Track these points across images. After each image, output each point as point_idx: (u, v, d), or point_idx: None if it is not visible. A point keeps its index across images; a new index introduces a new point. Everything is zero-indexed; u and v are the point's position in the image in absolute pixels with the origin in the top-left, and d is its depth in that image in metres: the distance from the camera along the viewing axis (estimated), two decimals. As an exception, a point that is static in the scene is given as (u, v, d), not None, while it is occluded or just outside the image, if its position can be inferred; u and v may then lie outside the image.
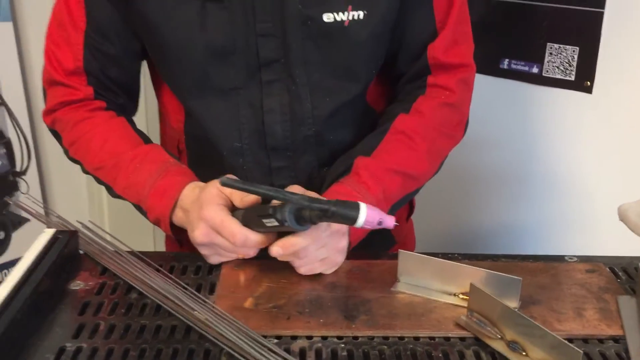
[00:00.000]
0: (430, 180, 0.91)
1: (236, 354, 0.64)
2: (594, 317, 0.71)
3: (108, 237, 0.84)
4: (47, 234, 0.80)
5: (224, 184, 0.68)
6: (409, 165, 0.85)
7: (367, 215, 0.64)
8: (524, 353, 0.65)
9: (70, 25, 0.87)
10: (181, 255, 0.83)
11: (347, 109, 0.87)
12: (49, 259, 0.75)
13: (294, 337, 0.68)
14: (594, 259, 0.84)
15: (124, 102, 0.93)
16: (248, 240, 0.73)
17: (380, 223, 0.65)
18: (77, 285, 0.76)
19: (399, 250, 0.76)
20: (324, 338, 0.68)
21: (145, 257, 0.80)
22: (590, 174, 1.20)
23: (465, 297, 0.73)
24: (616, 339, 0.68)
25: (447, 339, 0.68)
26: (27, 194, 0.96)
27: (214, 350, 0.65)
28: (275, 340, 0.67)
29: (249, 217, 0.74)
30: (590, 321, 0.71)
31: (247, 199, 0.75)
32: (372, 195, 0.80)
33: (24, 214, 1.44)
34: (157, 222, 0.82)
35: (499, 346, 0.66)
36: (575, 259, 0.84)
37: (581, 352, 0.59)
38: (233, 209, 0.76)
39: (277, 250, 0.73)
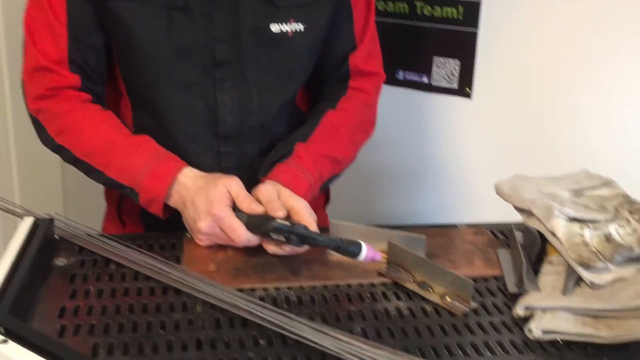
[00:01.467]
0: (342, 178, 1.10)
1: (209, 301, 0.80)
2: (480, 264, 0.93)
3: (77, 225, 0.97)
4: (28, 221, 0.93)
5: (274, 230, 0.85)
6: (336, 152, 1.04)
7: (366, 253, 0.85)
8: (430, 290, 0.85)
9: (54, 19, 0.96)
10: (146, 235, 0.98)
11: (285, 106, 1.05)
12: (36, 239, 0.88)
13: (253, 289, 0.84)
14: (479, 225, 1.06)
15: (100, 92, 1.04)
16: (249, 242, 0.89)
17: (373, 259, 0.86)
18: (61, 262, 0.89)
19: (330, 221, 0.95)
20: (277, 289, 0.85)
21: (114, 238, 0.94)
22: (472, 164, 1.44)
23: (385, 254, 0.92)
24: (497, 278, 0.90)
25: (373, 284, 0.87)
26: (-8, 192, 1.06)
27: (189, 301, 0.81)
28: (239, 293, 0.83)
29: (253, 224, 0.89)
30: (478, 267, 0.92)
31: (256, 208, 0.89)
32: (311, 175, 0.99)
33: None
34: (149, 203, 0.94)
35: (412, 286, 0.86)
36: (465, 226, 1.06)
37: (472, 281, 0.80)
38: (234, 209, 0.90)
39: (279, 251, 0.89)
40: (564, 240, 0.86)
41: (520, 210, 0.98)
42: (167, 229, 0.98)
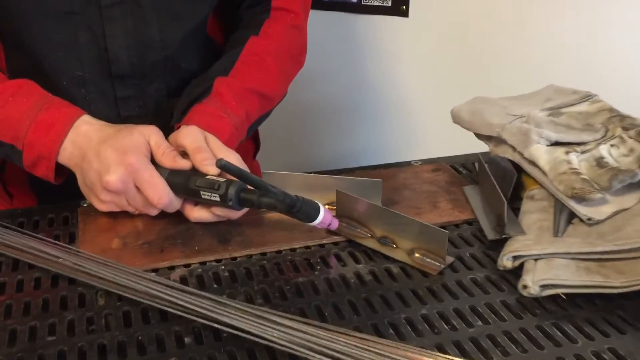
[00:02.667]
0: (271, 120, 0.91)
1: (114, 291, 0.61)
2: (447, 207, 0.77)
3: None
4: None
5: (221, 166, 0.63)
6: (264, 86, 0.85)
7: (324, 217, 0.67)
8: (394, 246, 0.69)
9: None
10: (30, 210, 0.77)
11: (194, 35, 0.85)
12: None
13: (172, 268, 0.66)
14: (436, 160, 0.91)
15: None
16: (171, 205, 0.70)
17: (329, 224, 0.69)
18: None
19: (263, 171, 0.77)
20: (203, 264, 0.67)
21: (-13, 217, 0.73)
22: (414, 92, 1.28)
23: (331, 206, 0.75)
24: (469, 222, 0.75)
25: (322, 245, 0.70)
26: None
27: (88, 293, 0.62)
28: (153, 274, 0.65)
29: (176, 182, 0.70)
30: (445, 210, 0.76)
31: (181, 163, 0.70)
32: (236, 115, 0.80)
33: None
34: (35, 162, 0.74)
35: (371, 243, 0.70)
36: (420, 162, 0.90)
37: (447, 232, 0.64)
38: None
39: (207, 217, 0.71)
40: (547, 170, 0.71)
41: (486, 138, 0.83)
42: (66, 199, 0.77)
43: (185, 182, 0.69)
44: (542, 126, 0.75)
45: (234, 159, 0.72)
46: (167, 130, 0.78)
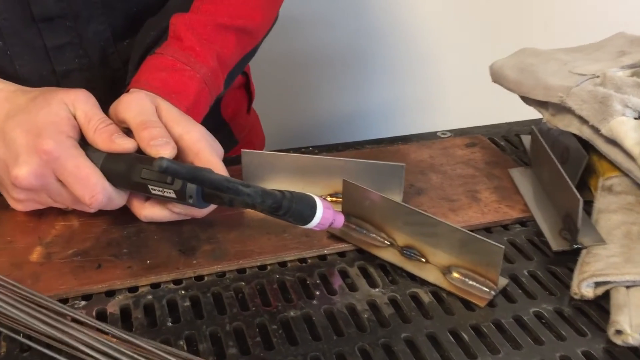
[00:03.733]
0: (267, 69, 0.71)
1: (20, 338, 0.42)
2: (490, 199, 0.58)
3: None
4: None
5: (163, 170, 0.41)
6: (241, 16, 0.64)
7: (322, 217, 0.48)
8: (423, 260, 0.50)
9: None
10: None
11: None
12: None
13: (111, 293, 0.47)
14: (469, 131, 0.71)
15: None
16: (110, 202, 0.51)
17: (332, 223, 0.50)
18: None
19: (242, 150, 0.57)
20: (155, 286, 0.48)
21: None
22: (436, 37, 1.07)
23: (336, 198, 0.56)
24: (522, 222, 0.55)
25: (323, 257, 0.51)
26: None
27: (-13, 335, 0.43)
28: (83, 303, 0.46)
29: (117, 170, 0.50)
30: (489, 205, 0.57)
31: (121, 143, 0.51)
32: (204, 64, 0.59)
33: None
34: None
35: (390, 256, 0.50)
36: (449, 134, 0.70)
37: (502, 247, 0.45)
38: (82, 145, 0.51)
39: (162, 216, 0.53)
40: (637, 153, 0.51)
41: (539, 104, 0.63)
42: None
43: (128, 172, 0.50)
44: (625, 90, 0.55)
45: (197, 134, 0.52)
46: (120, 91, 0.58)
